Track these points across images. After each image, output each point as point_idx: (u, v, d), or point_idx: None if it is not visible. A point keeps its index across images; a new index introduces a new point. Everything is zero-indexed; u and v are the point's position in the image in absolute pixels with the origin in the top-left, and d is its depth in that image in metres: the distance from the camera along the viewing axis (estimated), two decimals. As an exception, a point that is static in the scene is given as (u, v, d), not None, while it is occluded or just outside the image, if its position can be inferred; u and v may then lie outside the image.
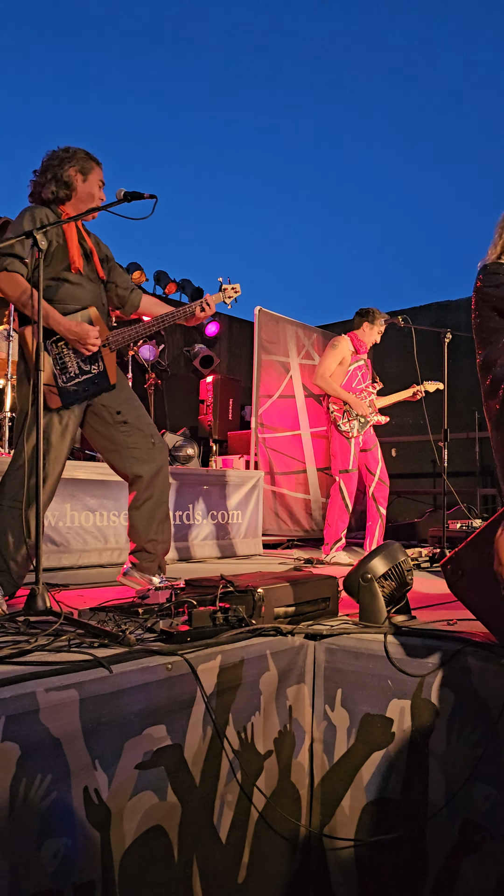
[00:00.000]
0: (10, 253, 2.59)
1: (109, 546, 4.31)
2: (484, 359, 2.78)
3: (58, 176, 2.75)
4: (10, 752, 1.38)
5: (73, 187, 2.77)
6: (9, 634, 1.95)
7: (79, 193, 2.78)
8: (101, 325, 2.81)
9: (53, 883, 1.43)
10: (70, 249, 2.71)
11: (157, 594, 2.29)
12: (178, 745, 1.75)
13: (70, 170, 2.76)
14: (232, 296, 3.26)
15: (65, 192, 2.76)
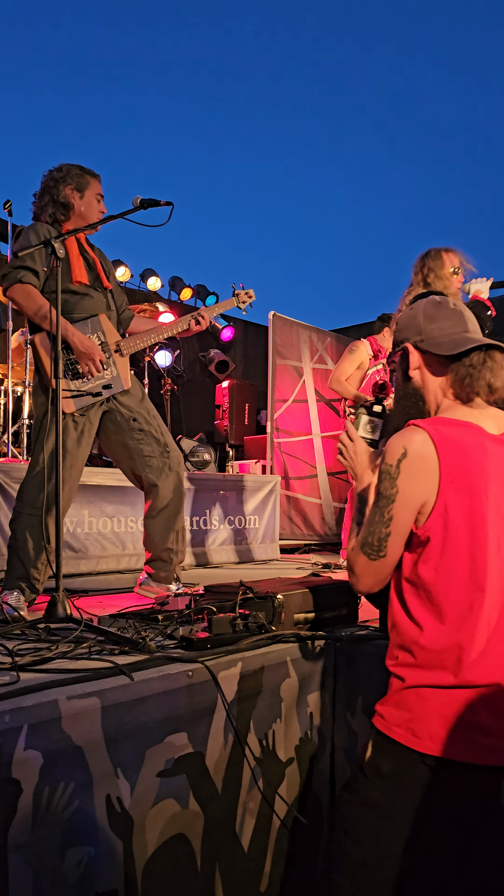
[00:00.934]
0: (22, 266, 2.61)
1: (127, 552, 4.31)
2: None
3: (55, 198, 2.77)
4: (33, 760, 1.38)
5: (70, 206, 2.78)
6: (30, 642, 1.95)
7: (77, 210, 2.79)
8: (112, 331, 2.83)
9: (77, 892, 1.43)
10: (71, 262, 2.74)
11: (177, 601, 2.29)
12: (199, 752, 1.74)
13: (66, 189, 2.77)
14: (246, 301, 3.26)
15: (63, 213, 2.78)
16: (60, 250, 2.20)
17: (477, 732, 1.36)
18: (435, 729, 1.37)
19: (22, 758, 1.36)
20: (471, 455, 1.39)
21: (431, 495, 1.39)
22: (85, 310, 2.76)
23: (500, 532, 1.40)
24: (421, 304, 1.58)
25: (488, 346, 1.46)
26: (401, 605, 1.46)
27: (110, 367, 2.79)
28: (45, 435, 2.58)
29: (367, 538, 1.45)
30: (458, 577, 1.38)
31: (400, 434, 1.43)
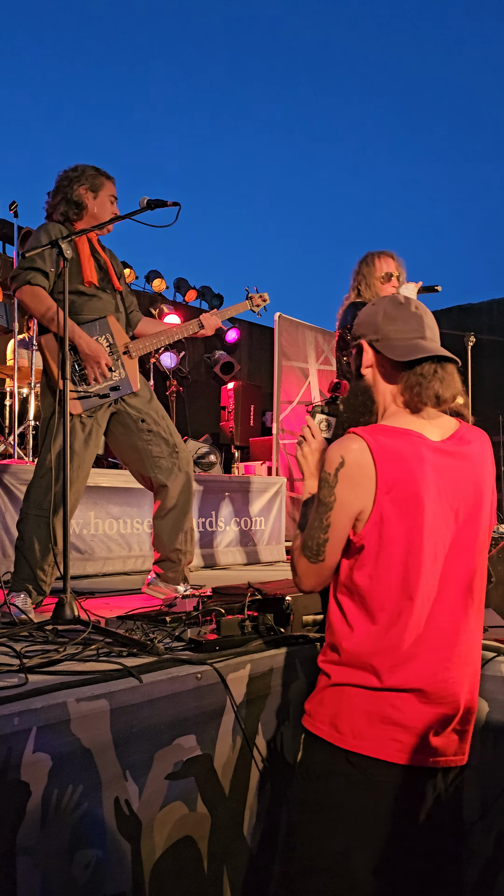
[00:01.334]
0: (31, 266, 2.60)
1: (133, 553, 4.31)
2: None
3: (68, 196, 2.77)
4: (42, 763, 1.37)
5: (83, 206, 2.78)
6: (38, 643, 1.95)
7: (90, 210, 2.80)
8: (120, 333, 2.82)
9: (85, 894, 1.42)
10: (82, 262, 2.73)
11: (185, 602, 2.28)
12: (207, 755, 1.74)
13: (80, 189, 2.78)
14: (260, 304, 3.27)
15: (75, 212, 2.78)
16: (68, 251, 2.19)
17: (399, 732, 1.39)
18: (359, 727, 1.41)
19: (31, 760, 1.36)
20: (408, 465, 1.39)
21: (368, 504, 1.40)
22: (94, 311, 2.76)
23: (437, 541, 1.42)
24: (384, 301, 1.55)
25: (441, 358, 1.47)
26: (337, 607, 1.49)
27: (118, 369, 2.79)
28: (52, 436, 2.58)
29: (308, 542, 1.48)
30: (390, 585, 1.40)
31: (338, 442, 1.44)
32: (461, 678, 1.46)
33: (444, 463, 1.43)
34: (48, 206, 2.82)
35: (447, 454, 1.45)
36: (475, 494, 1.47)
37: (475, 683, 1.50)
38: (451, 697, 1.43)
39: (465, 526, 1.46)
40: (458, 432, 1.50)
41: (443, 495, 1.42)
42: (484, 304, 8.12)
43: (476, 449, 1.49)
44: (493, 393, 7.42)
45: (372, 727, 1.40)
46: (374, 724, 1.40)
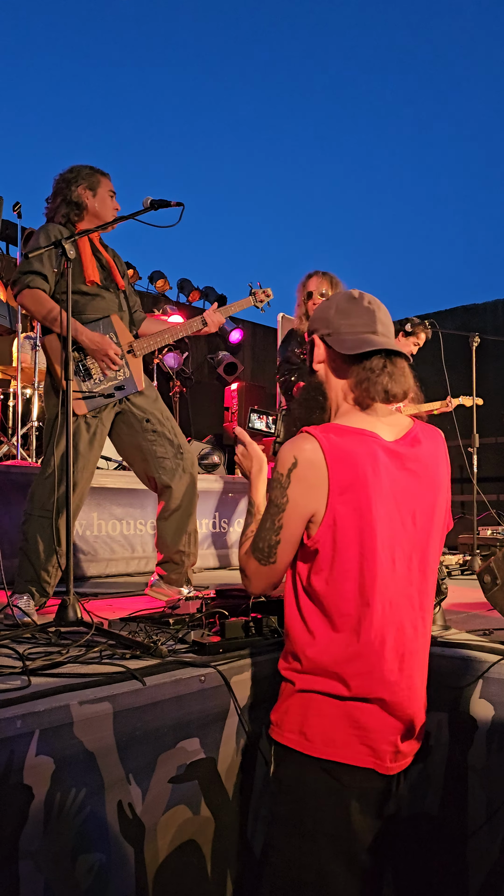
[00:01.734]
0: (30, 270, 2.61)
1: (136, 555, 4.31)
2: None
3: (68, 198, 2.78)
4: (45, 766, 1.36)
5: (83, 206, 2.80)
6: (41, 646, 1.94)
7: (91, 209, 2.81)
8: (124, 332, 2.82)
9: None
10: (84, 262, 2.73)
11: (188, 604, 2.27)
12: (211, 758, 1.73)
13: (78, 189, 2.79)
14: (264, 300, 3.26)
15: (76, 213, 2.80)
16: (71, 251, 2.18)
17: (369, 738, 1.38)
18: (329, 734, 1.39)
19: (34, 763, 1.35)
20: (361, 466, 1.36)
21: (321, 506, 1.36)
22: (97, 310, 2.76)
23: (393, 545, 1.39)
24: (338, 295, 1.53)
25: (390, 352, 1.44)
26: (297, 613, 1.44)
27: (123, 368, 2.79)
28: (56, 437, 2.57)
29: (259, 543, 1.45)
30: (348, 590, 1.37)
31: (291, 442, 1.41)
32: (420, 682, 1.47)
33: (398, 463, 1.41)
34: (48, 211, 2.84)
35: (401, 454, 1.42)
36: (430, 495, 1.45)
37: (425, 684, 1.51)
38: (413, 702, 1.44)
39: (422, 528, 1.44)
40: (412, 431, 1.48)
41: (397, 497, 1.40)
42: (489, 305, 8.09)
43: (430, 449, 1.47)
44: (498, 393, 7.39)
45: (342, 734, 1.39)
46: (344, 732, 1.39)
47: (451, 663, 1.96)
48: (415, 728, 1.46)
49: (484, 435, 4.73)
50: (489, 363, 6.92)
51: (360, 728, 1.39)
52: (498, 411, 7.25)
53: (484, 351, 5.02)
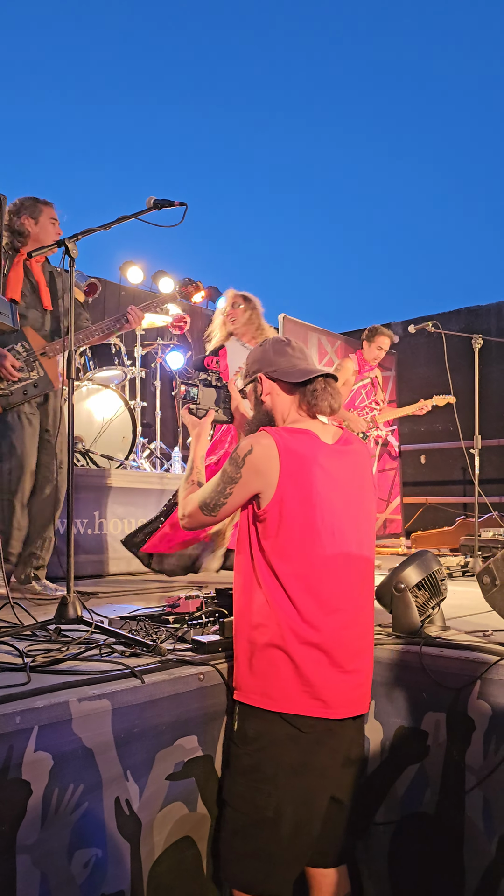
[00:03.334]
0: None
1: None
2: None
3: (12, 227, 3.19)
4: (43, 762, 1.37)
5: (26, 234, 3.20)
6: (41, 643, 1.95)
7: (33, 235, 3.20)
8: (36, 339, 3.15)
9: (83, 893, 1.43)
10: (9, 279, 3.10)
11: (188, 603, 2.28)
12: (209, 756, 1.74)
13: (22, 219, 3.19)
14: (192, 293, 3.65)
15: (20, 240, 3.20)
16: (74, 250, 2.20)
17: (320, 692, 1.64)
18: (286, 691, 1.65)
19: (32, 759, 1.36)
20: (306, 458, 1.72)
21: (270, 487, 1.70)
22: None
23: (332, 519, 1.71)
24: (269, 341, 1.95)
25: (326, 375, 1.84)
26: (253, 575, 1.72)
27: (37, 369, 3.13)
28: None
29: (207, 500, 1.81)
30: (293, 555, 1.68)
31: (253, 435, 1.77)
32: (365, 642, 1.76)
33: (334, 458, 1.76)
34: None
35: (336, 451, 1.79)
36: (360, 482, 1.81)
37: (371, 642, 1.81)
38: (358, 660, 1.72)
39: (356, 508, 1.77)
40: (344, 436, 1.86)
41: (334, 483, 1.73)
42: (493, 307, 8.08)
43: (358, 448, 1.85)
44: (500, 396, 7.39)
45: (297, 690, 1.64)
46: (298, 688, 1.65)
47: (449, 664, 1.96)
48: (364, 678, 1.76)
49: (486, 437, 4.73)
50: (492, 364, 6.93)
51: (309, 683, 1.64)
52: (500, 413, 7.25)
53: (487, 352, 5.02)
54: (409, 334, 6.24)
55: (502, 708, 1.85)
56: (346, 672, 1.68)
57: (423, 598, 2.21)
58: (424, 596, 2.22)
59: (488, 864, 1.82)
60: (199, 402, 2.14)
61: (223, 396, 2.19)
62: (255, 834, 1.64)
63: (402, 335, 8.25)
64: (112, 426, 4.95)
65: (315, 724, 1.65)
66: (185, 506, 1.89)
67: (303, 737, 1.64)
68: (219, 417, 2.18)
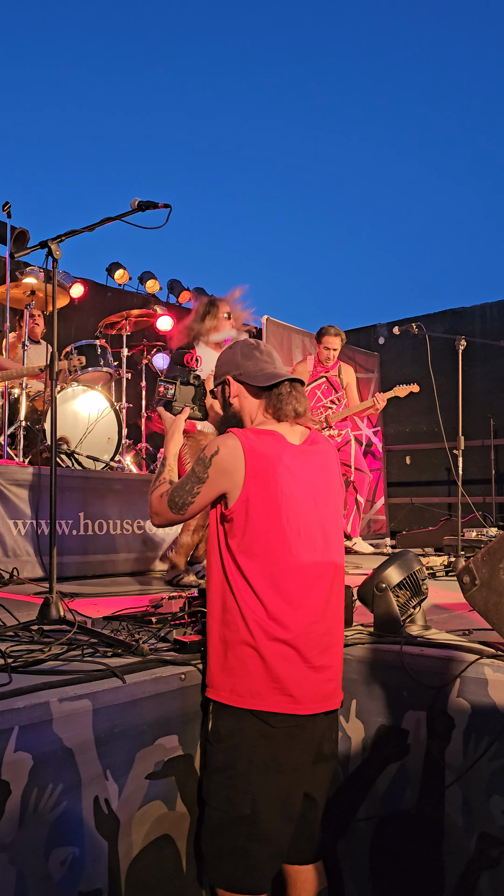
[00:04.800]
0: None
1: (122, 555, 4.31)
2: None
3: None
4: (23, 762, 1.38)
5: None
6: (23, 643, 1.95)
7: None
8: None
9: (60, 890, 1.44)
10: None
11: (171, 603, 2.29)
12: (189, 755, 1.75)
13: None
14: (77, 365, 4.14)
15: None
16: (57, 251, 2.20)
17: (289, 688, 1.67)
18: (255, 688, 1.67)
19: (12, 759, 1.36)
20: (271, 459, 1.75)
21: (236, 487, 1.73)
22: None
23: (297, 518, 1.74)
24: (238, 345, 1.98)
25: (292, 380, 1.88)
26: (222, 574, 1.75)
27: None
28: None
29: (175, 498, 1.84)
30: (258, 553, 1.71)
31: (220, 436, 1.81)
32: (334, 638, 1.79)
33: (300, 458, 1.79)
34: None
35: (302, 452, 1.82)
36: (326, 481, 1.84)
37: (340, 638, 1.84)
38: (327, 656, 1.75)
39: (322, 507, 1.80)
40: (311, 436, 1.89)
41: (300, 483, 1.76)
42: (477, 308, 8.14)
43: (323, 448, 1.88)
44: (483, 397, 7.45)
45: (265, 687, 1.67)
46: (268, 684, 1.67)
47: (430, 662, 1.98)
48: (334, 674, 1.78)
49: (469, 438, 4.76)
50: (476, 366, 6.98)
51: (278, 680, 1.67)
52: (484, 414, 7.30)
53: (471, 354, 5.07)
54: (393, 335, 6.28)
55: (481, 706, 1.87)
56: (314, 668, 1.71)
57: (404, 597, 2.23)
58: (406, 595, 2.24)
59: (467, 860, 1.84)
60: (176, 399, 2.17)
61: (199, 394, 2.22)
62: (233, 832, 1.66)
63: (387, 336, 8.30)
64: (97, 427, 4.93)
65: (285, 720, 1.67)
66: (154, 503, 1.93)
67: (274, 733, 1.67)
68: (193, 415, 2.21)
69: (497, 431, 7.61)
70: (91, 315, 7.17)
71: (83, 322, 7.20)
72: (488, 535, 5.01)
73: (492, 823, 1.80)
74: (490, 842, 1.80)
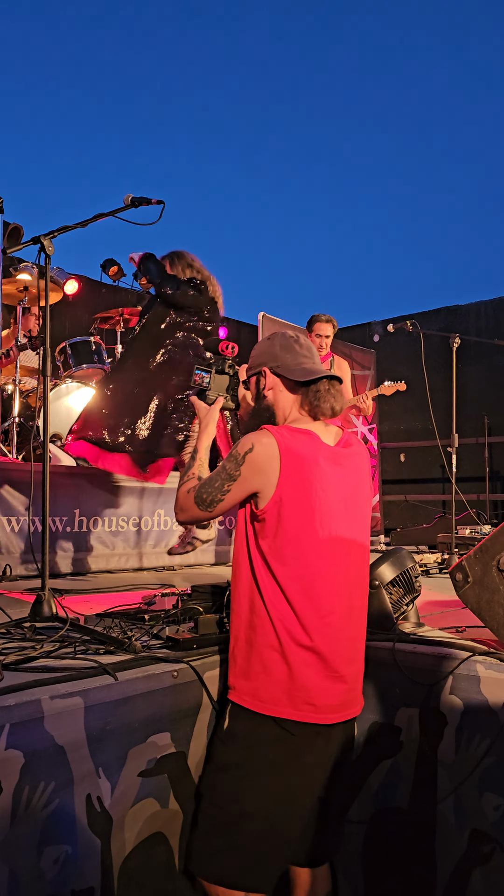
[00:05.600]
0: None
1: (117, 552, 4.31)
2: None
3: None
4: (14, 759, 1.37)
5: None
6: (15, 640, 1.94)
7: None
8: None
9: (53, 889, 1.43)
10: None
11: (164, 600, 2.28)
12: (182, 752, 1.74)
13: None
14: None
15: None
16: (50, 247, 2.19)
17: (312, 696, 1.64)
18: (276, 695, 1.64)
19: (3, 757, 1.36)
20: (306, 459, 1.69)
21: (269, 487, 1.67)
22: None
23: (329, 521, 1.69)
24: (277, 336, 1.90)
25: (331, 377, 1.81)
26: (250, 576, 1.71)
27: None
28: None
29: (203, 494, 1.76)
30: (289, 556, 1.66)
31: (254, 433, 1.73)
32: (358, 647, 1.76)
33: (334, 461, 1.74)
34: None
35: (336, 453, 1.76)
36: (357, 485, 1.79)
37: (362, 646, 1.80)
38: (352, 665, 1.72)
39: (352, 511, 1.76)
40: (344, 437, 1.84)
41: (333, 486, 1.71)
42: (472, 306, 8.16)
43: (357, 451, 1.83)
44: (477, 395, 7.46)
45: (288, 695, 1.64)
46: (291, 692, 1.64)
47: (423, 660, 1.98)
48: (356, 683, 1.76)
49: (463, 435, 4.77)
50: (470, 364, 6.99)
51: (302, 689, 1.64)
52: (478, 412, 7.32)
53: (465, 352, 5.07)
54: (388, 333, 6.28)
55: (473, 703, 1.87)
56: (338, 677, 1.68)
57: (397, 594, 2.23)
58: (399, 592, 2.24)
59: (460, 856, 1.85)
60: (210, 388, 2.07)
61: (233, 384, 2.11)
62: (233, 829, 1.65)
63: (382, 334, 8.31)
64: (91, 424, 4.93)
65: (305, 727, 1.65)
66: (181, 498, 1.85)
67: (292, 738, 1.65)
68: (226, 405, 2.10)
69: (491, 429, 7.63)
70: (85, 312, 7.16)
71: (77, 319, 7.18)
72: (482, 533, 5.02)
73: (484, 820, 1.80)
74: (482, 838, 1.81)
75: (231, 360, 2.14)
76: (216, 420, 2.04)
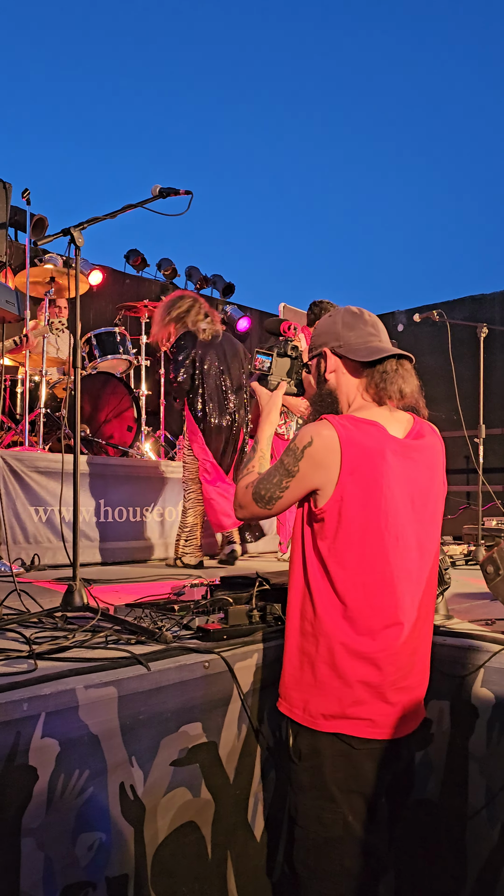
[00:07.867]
0: None
1: (142, 542, 4.34)
2: None
3: None
4: (50, 748, 1.39)
5: None
6: (47, 630, 1.96)
7: None
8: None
9: (87, 875, 1.45)
10: None
11: (193, 591, 2.29)
12: (213, 742, 1.75)
13: None
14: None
15: None
16: (80, 239, 2.20)
17: (370, 712, 1.51)
18: (331, 711, 1.53)
19: (39, 745, 1.37)
20: (371, 452, 1.52)
21: (329, 483, 1.52)
22: None
23: (395, 522, 1.54)
24: (339, 312, 1.70)
25: (399, 356, 1.62)
26: (304, 580, 1.58)
27: None
28: None
29: (261, 491, 1.63)
30: (350, 560, 1.52)
31: (313, 424, 1.57)
32: (420, 657, 1.60)
33: (404, 454, 1.57)
34: None
35: (406, 445, 1.58)
36: (429, 483, 1.62)
37: (427, 657, 1.64)
38: (412, 677, 1.57)
39: (421, 511, 1.59)
40: (415, 427, 1.65)
41: (401, 482, 1.55)
42: (497, 295, 8.03)
43: (431, 442, 1.64)
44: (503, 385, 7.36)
45: (341, 710, 1.52)
46: (343, 708, 1.52)
47: (453, 652, 1.97)
48: (417, 696, 1.60)
49: (490, 426, 4.72)
50: (497, 353, 6.90)
51: (356, 703, 1.51)
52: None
53: (492, 341, 5.00)
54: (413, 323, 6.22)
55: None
56: (398, 690, 1.54)
57: (426, 586, 2.21)
58: (428, 585, 2.22)
59: (490, 850, 1.84)
60: (272, 372, 1.93)
61: (296, 367, 1.96)
62: (328, 853, 1.53)
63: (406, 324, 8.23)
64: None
65: (365, 742, 1.52)
66: (240, 493, 1.71)
67: (355, 753, 1.52)
68: (289, 390, 1.95)
69: (518, 420, 7.53)
70: (110, 302, 7.18)
71: (101, 309, 7.21)
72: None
73: (515, 814, 1.79)
74: (513, 832, 1.80)
75: (292, 342, 2.00)
76: (279, 407, 1.89)
